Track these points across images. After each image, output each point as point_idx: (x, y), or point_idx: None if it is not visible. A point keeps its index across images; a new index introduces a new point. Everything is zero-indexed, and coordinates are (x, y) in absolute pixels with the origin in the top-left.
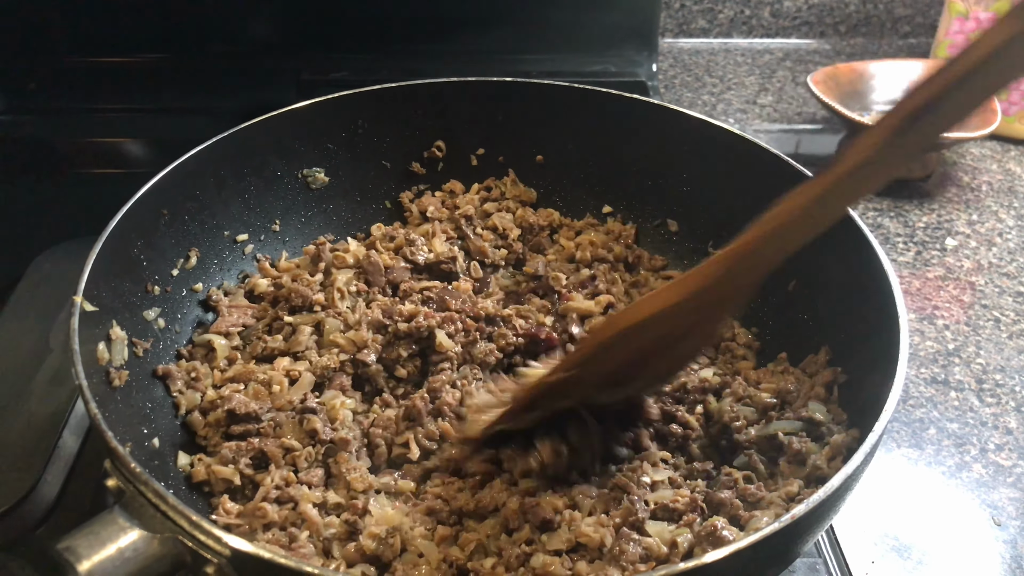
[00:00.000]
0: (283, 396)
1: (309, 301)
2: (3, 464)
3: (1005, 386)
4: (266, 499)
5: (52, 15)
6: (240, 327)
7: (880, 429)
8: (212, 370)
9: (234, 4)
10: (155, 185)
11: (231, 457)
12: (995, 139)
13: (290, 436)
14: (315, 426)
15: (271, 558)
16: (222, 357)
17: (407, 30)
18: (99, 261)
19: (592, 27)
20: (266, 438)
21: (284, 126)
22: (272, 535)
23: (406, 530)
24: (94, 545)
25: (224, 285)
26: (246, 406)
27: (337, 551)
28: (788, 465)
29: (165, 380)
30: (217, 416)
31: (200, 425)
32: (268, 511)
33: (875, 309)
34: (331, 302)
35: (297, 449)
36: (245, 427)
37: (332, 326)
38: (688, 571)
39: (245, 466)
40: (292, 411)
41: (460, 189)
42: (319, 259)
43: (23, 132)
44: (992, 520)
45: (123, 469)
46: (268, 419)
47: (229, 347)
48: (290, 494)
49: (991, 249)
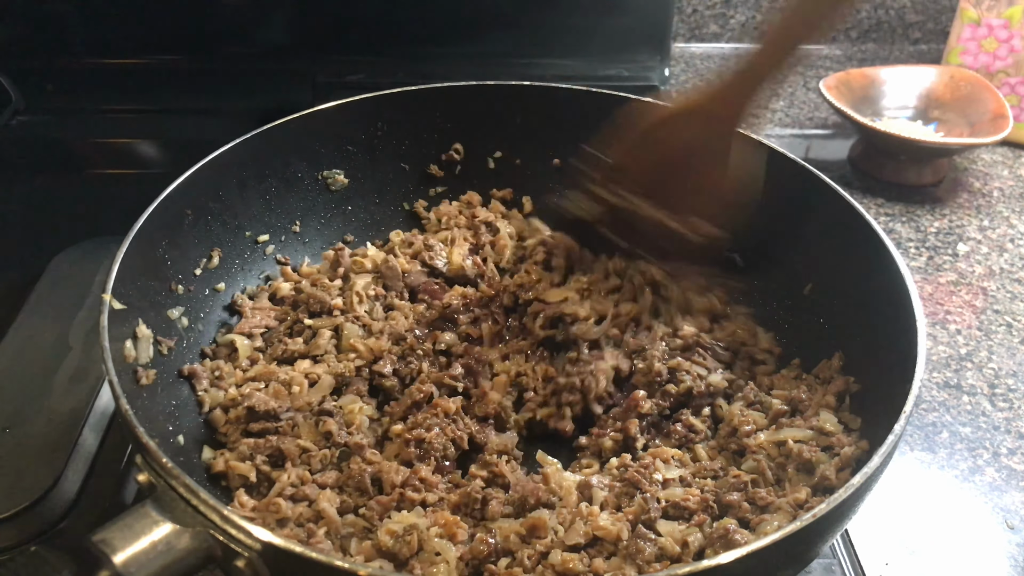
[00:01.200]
0: (302, 397)
1: (328, 306)
2: (25, 460)
3: (1018, 391)
4: (281, 495)
5: (70, 17)
6: (263, 328)
7: (899, 430)
8: (235, 369)
9: (250, 7)
10: (180, 185)
11: (248, 454)
12: (1006, 145)
13: (306, 437)
14: (331, 428)
15: (302, 552)
16: (244, 357)
17: (421, 34)
18: (126, 259)
19: (605, 32)
20: (283, 437)
21: (305, 128)
22: (289, 530)
23: (423, 529)
24: (128, 538)
25: (248, 289)
26: (265, 404)
27: (354, 548)
28: (796, 473)
29: (191, 379)
30: (238, 413)
31: (221, 422)
32: (283, 506)
33: (891, 313)
34: (349, 306)
35: (313, 450)
36: (264, 425)
37: (351, 331)
38: (707, 570)
39: (262, 463)
40: (310, 412)
41: (477, 200)
42: (338, 264)
43: (41, 132)
44: (1005, 523)
45: (155, 464)
46: (287, 419)
47: (251, 347)
48: (305, 492)
49: (1003, 255)
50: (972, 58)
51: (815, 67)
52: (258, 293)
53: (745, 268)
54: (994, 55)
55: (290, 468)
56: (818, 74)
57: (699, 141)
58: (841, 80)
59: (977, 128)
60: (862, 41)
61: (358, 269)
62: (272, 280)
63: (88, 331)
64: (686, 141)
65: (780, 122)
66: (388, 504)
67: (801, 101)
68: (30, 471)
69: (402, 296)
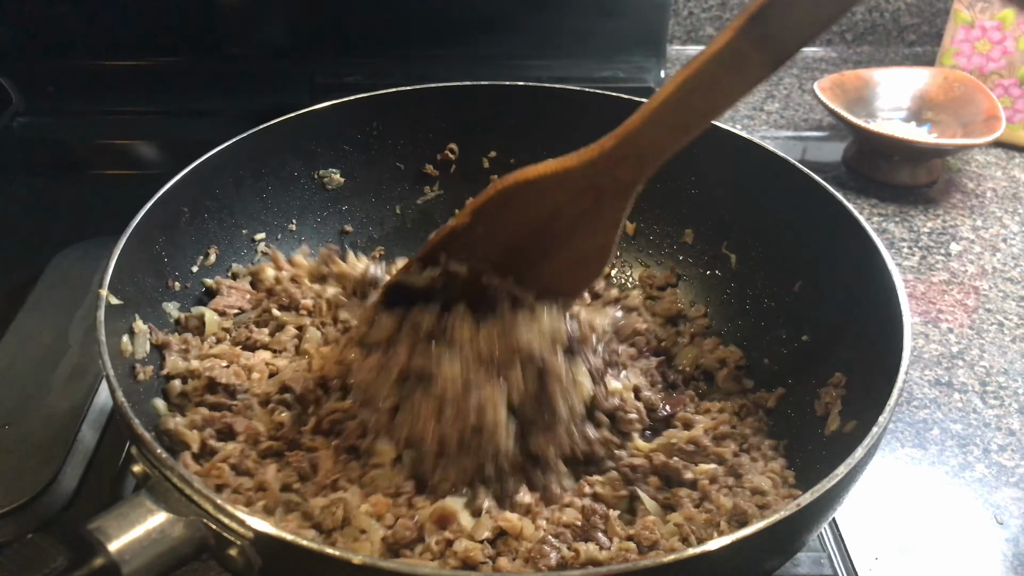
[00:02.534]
0: (261, 385)
1: (297, 303)
2: (25, 456)
3: (1008, 388)
4: (226, 462)
5: (70, 19)
6: (236, 310)
7: (884, 422)
8: (202, 343)
9: (249, 9)
10: (177, 183)
11: (200, 424)
12: (999, 146)
13: (259, 423)
14: (283, 420)
15: (293, 540)
16: (210, 333)
17: (419, 35)
18: (123, 256)
19: (602, 33)
20: (237, 416)
21: (301, 127)
22: (227, 495)
23: (351, 503)
24: (123, 526)
25: (234, 268)
26: (227, 377)
27: (279, 517)
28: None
29: (162, 349)
30: (196, 385)
31: (175, 392)
32: (225, 472)
33: (879, 308)
34: (318, 311)
35: (262, 435)
36: (220, 399)
37: (312, 335)
38: (693, 557)
39: (209, 436)
40: (266, 402)
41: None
42: (327, 265)
43: (42, 133)
44: (995, 519)
45: (149, 455)
46: (243, 399)
47: (219, 325)
48: (248, 466)
49: (995, 254)
50: (966, 60)
51: (810, 69)
52: (243, 274)
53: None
54: (987, 57)
55: (240, 443)
56: (813, 76)
57: (576, 209)
58: (835, 82)
59: (970, 129)
60: (857, 43)
61: (339, 279)
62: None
63: (87, 329)
64: (558, 207)
65: (775, 124)
66: (322, 483)
67: (796, 103)
68: (29, 467)
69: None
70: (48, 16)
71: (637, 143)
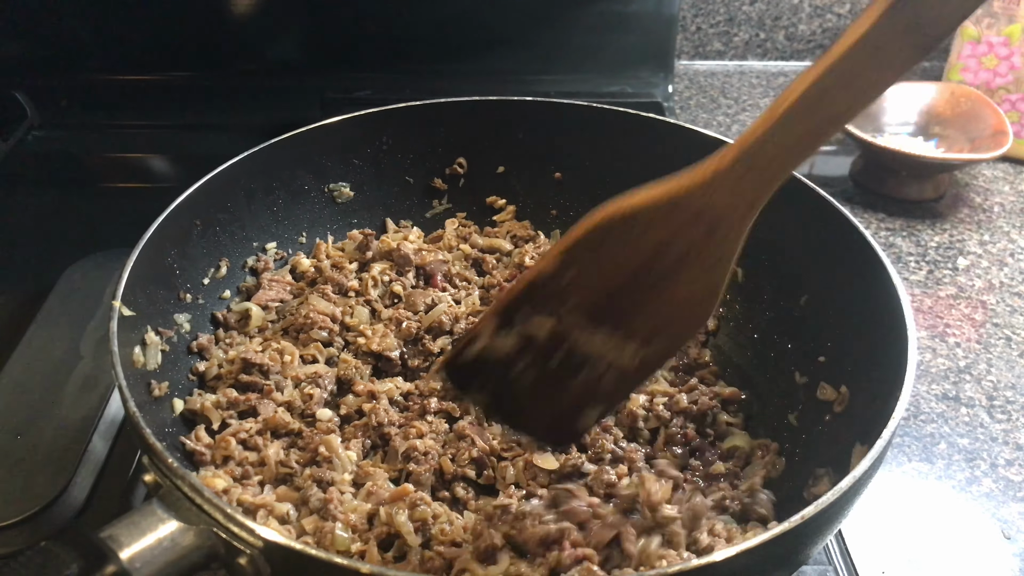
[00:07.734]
0: (293, 368)
1: (345, 288)
2: (37, 466)
3: (1016, 403)
4: (235, 436)
5: (84, 34)
6: (278, 302)
7: (888, 436)
8: (247, 338)
9: (260, 24)
10: (189, 196)
11: (225, 404)
12: (1007, 161)
13: (285, 401)
14: (313, 394)
15: (302, 549)
16: (255, 326)
17: (428, 51)
18: (136, 268)
19: (610, 49)
20: (263, 399)
21: (312, 142)
22: (228, 469)
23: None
24: (134, 534)
25: (270, 252)
26: (260, 358)
27: (268, 489)
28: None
29: (201, 353)
30: (230, 369)
31: (212, 375)
32: (232, 445)
33: (884, 323)
34: (365, 290)
35: (281, 427)
36: (254, 378)
37: (359, 314)
38: (697, 569)
39: (230, 417)
40: (300, 383)
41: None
42: (366, 247)
43: (55, 147)
44: (1002, 533)
45: (161, 465)
46: (275, 379)
47: (264, 318)
48: (256, 441)
49: (1003, 269)
50: (972, 75)
51: None
52: (279, 268)
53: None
54: (994, 72)
55: (257, 422)
56: None
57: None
58: None
59: (977, 144)
60: None
61: (381, 255)
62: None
63: (99, 341)
64: (664, 241)
65: None
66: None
67: None
68: (41, 477)
69: (417, 284)
70: (62, 31)
71: (763, 154)
